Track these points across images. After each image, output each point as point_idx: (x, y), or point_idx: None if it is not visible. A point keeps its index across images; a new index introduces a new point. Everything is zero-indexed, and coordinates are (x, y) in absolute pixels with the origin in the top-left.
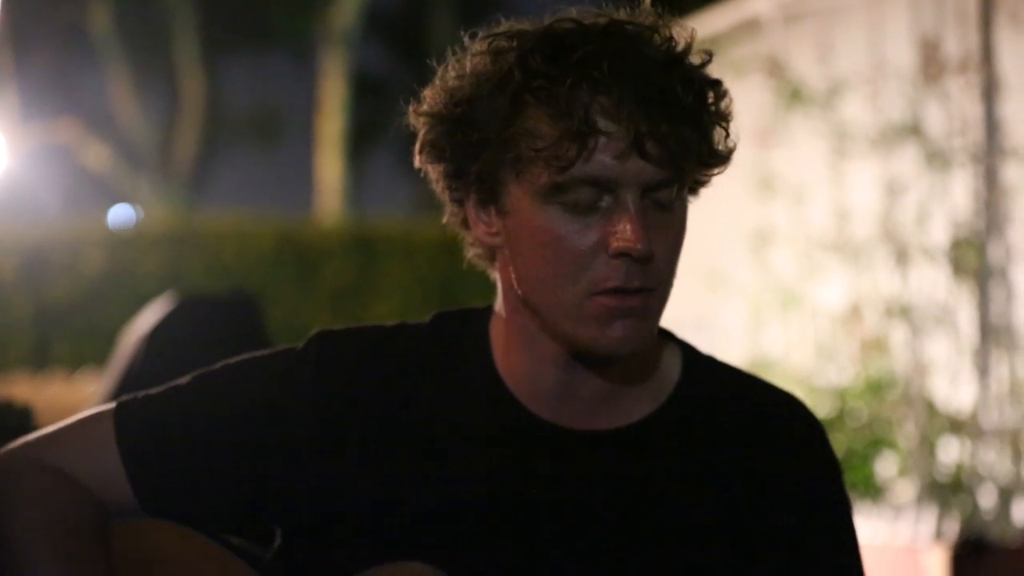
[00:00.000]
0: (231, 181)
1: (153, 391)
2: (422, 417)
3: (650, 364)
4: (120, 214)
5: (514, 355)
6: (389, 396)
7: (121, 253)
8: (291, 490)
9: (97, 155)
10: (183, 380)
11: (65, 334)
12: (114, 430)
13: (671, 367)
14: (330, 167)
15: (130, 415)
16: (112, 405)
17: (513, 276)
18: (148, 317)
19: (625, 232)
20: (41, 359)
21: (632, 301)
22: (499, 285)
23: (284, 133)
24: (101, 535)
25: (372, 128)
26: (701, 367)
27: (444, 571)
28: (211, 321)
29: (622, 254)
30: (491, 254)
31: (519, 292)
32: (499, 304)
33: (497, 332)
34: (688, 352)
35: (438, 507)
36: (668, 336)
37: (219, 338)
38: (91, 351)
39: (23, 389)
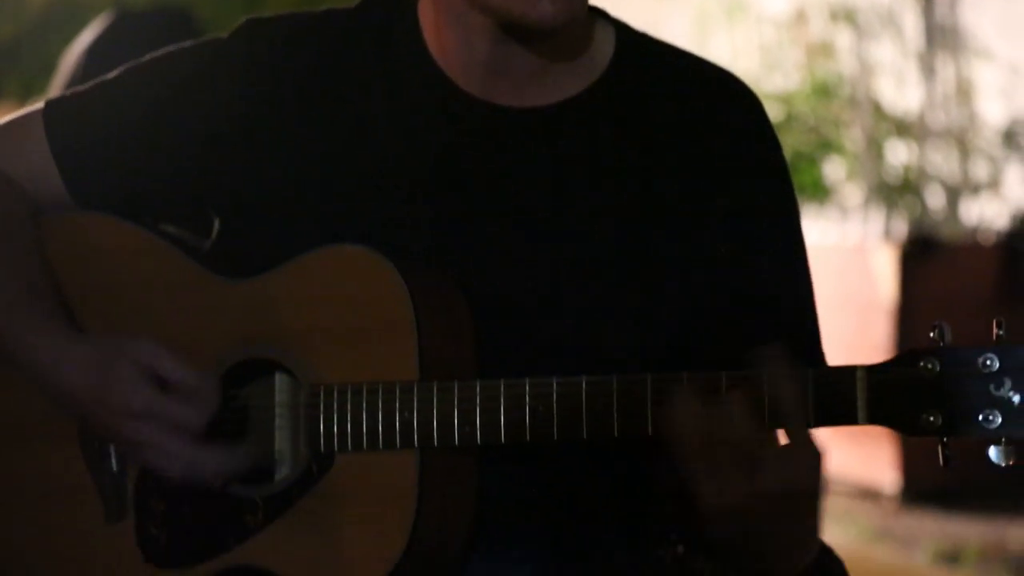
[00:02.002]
0: None
1: (81, 88)
2: (354, 97)
3: (582, 41)
4: None
5: (444, 32)
6: (320, 78)
7: None
8: (224, 172)
9: None
10: (111, 74)
11: (13, 68)
12: (43, 124)
13: (605, 44)
14: None
15: (58, 109)
16: (41, 104)
17: None
18: (86, 36)
19: None
20: None
21: None
22: None
23: None
24: (35, 231)
25: None
26: (635, 43)
27: (378, 249)
28: (148, 34)
29: None
30: None
31: None
32: None
33: (425, 11)
34: (622, 29)
35: (371, 184)
36: (602, 15)
37: (156, 50)
38: (40, 84)
39: None
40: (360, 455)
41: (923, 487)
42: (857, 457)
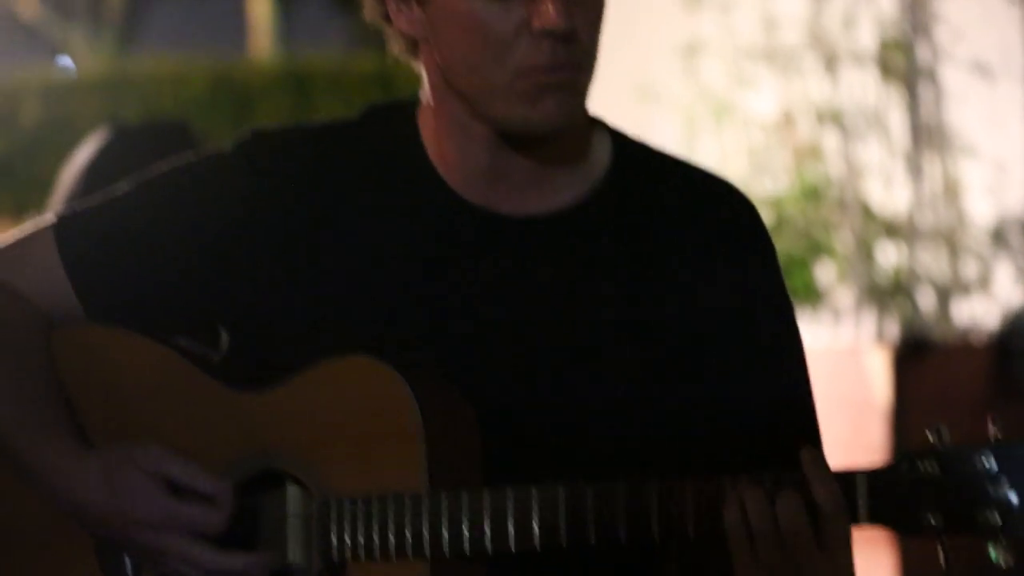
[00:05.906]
0: (162, 27)
1: (91, 202)
2: (357, 208)
3: (580, 147)
4: (64, 63)
5: (444, 142)
6: (323, 191)
7: (58, 102)
8: (233, 287)
9: (28, 5)
10: (120, 189)
11: (6, 185)
12: (55, 241)
13: (602, 151)
14: (260, 5)
15: (70, 224)
16: (52, 218)
17: (439, 65)
18: (84, 151)
19: (547, 10)
20: None
21: (561, 74)
22: (424, 76)
23: None
24: (44, 345)
25: None
26: (633, 151)
27: (384, 360)
28: (146, 149)
29: (545, 33)
30: (414, 46)
31: (447, 80)
32: (425, 95)
33: (425, 121)
34: (618, 137)
35: (376, 297)
36: (598, 122)
37: (156, 165)
38: (33, 200)
39: None
40: (372, 564)
41: None
42: (856, 563)
